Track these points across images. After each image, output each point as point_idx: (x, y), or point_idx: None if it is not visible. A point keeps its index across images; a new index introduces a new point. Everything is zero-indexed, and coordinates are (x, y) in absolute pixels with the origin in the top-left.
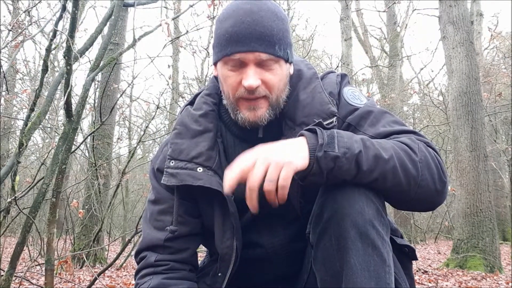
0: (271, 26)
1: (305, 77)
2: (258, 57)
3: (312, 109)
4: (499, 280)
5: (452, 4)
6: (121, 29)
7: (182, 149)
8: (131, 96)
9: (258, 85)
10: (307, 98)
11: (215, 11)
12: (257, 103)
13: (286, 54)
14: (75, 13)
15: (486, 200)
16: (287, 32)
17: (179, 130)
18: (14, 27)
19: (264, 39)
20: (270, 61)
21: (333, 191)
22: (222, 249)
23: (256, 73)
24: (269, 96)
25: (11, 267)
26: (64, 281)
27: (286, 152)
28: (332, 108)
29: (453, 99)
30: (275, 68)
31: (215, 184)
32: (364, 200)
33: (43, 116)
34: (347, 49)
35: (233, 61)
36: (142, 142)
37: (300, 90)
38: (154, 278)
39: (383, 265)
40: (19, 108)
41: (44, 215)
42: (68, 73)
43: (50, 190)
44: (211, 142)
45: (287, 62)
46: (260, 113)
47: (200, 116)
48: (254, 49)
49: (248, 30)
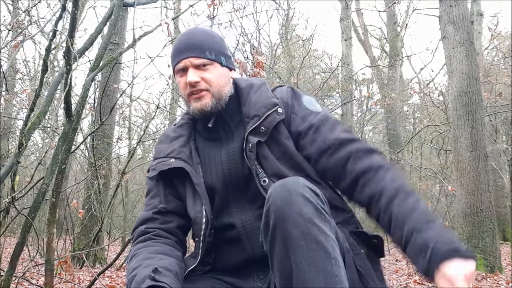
0: (201, 39)
1: (255, 85)
2: (193, 62)
3: (260, 104)
4: (499, 280)
5: (452, 4)
6: (121, 29)
7: (161, 150)
8: (131, 96)
9: (197, 80)
10: (257, 97)
11: (215, 11)
12: (201, 95)
13: (220, 59)
14: (74, 13)
15: (486, 200)
16: (220, 45)
17: (161, 139)
18: (14, 27)
19: (195, 48)
20: (205, 64)
21: (274, 199)
22: (193, 214)
23: (195, 73)
24: (210, 89)
25: (11, 267)
26: (64, 281)
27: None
28: (274, 99)
29: (453, 99)
30: (211, 69)
31: (181, 164)
32: (302, 201)
33: (43, 116)
34: (347, 49)
35: (179, 70)
36: (142, 142)
37: (252, 94)
38: (143, 243)
39: (329, 258)
40: (18, 108)
41: (44, 215)
42: (68, 73)
43: (50, 190)
44: (183, 142)
45: (222, 66)
46: (204, 101)
47: (177, 127)
48: (188, 55)
49: (184, 44)
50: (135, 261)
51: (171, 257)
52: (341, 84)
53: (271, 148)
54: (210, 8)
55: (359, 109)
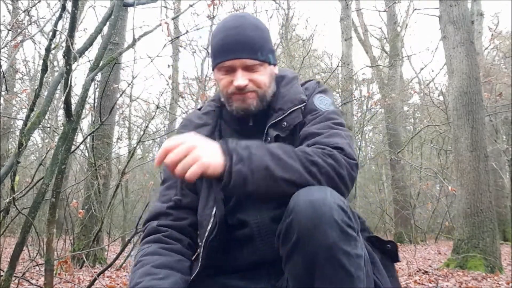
0: (253, 36)
1: (287, 78)
2: (243, 63)
3: (288, 98)
4: (500, 280)
5: (452, 3)
6: (120, 28)
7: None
8: (130, 96)
9: (246, 84)
10: (286, 91)
11: (215, 11)
12: (246, 95)
13: (268, 58)
14: (74, 13)
15: (486, 200)
16: (267, 40)
17: (185, 123)
18: (13, 26)
19: (247, 48)
20: (254, 65)
21: (298, 215)
22: (202, 216)
23: (244, 75)
24: (257, 90)
25: (10, 267)
26: (64, 281)
27: (208, 151)
28: (303, 96)
29: (453, 99)
30: (260, 70)
31: None
32: (327, 222)
33: (43, 116)
34: (347, 49)
35: (225, 68)
36: (142, 142)
37: (282, 87)
38: (152, 246)
39: (352, 281)
40: (18, 108)
41: (43, 215)
42: (68, 73)
43: (49, 190)
44: (208, 133)
45: (270, 64)
46: (249, 102)
47: (202, 114)
48: (239, 56)
49: (234, 42)
50: (139, 272)
51: (176, 271)
52: (341, 84)
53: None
54: (210, 8)
55: (359, 109)
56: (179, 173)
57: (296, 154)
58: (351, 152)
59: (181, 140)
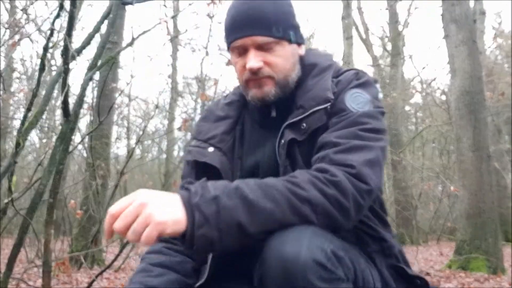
0: (266, 10)
1: (318, 67)
2: (255, 41)
3: (313, 94)
4: (502, 281)
5: (454, 2)
6: (119, 27)
7: (201, 130)
8: (129, 95)
9: (259, 66)
10: (313, 84)
11: (215, 9)
12: (262, 81)
13: (288, 35)
14: (72, 12)
15: (489, 201)
16: (288, 14)
17: (205, 114)
18: (11, 25)
19: (258, 23)
20: (269, 43)
21: (267, 269)
22: None
23: (258, 56)
24: (273, 75)
25: (8, 269)
26: (62, 283)
27: (163, 207)
28: (329, 94)
29: (455, 99)
30: (277, 49)
31: (217, 162)
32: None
33: (40, 116)
34: (349, 48)
35: (237, 48)
36: (140, 142)
37: (310, 78)
38: (158, 244)
39: None
40: (16, 107)
41: (41, 216)
42: (66, 72)
43: (47, 191)
44: (228, 127)
45: (291, 43)
46: (267, 89)
47: (225, 104)
48: (249, 33)
49: (244, 17)
50: (137, 269)
51: (174, 271)
52: None
53: (305, 151)
54: (210, 6)
55: None
56: (132, 239)
57: (281, 192)
58: (366, 173)
59: (129, 200)
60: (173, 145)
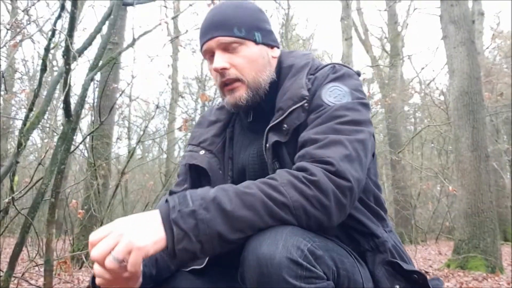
0: (229, 14)
1: (295, 68)
2: (218, 42)
3: (289, 94)
4: (500, 280)
5: (453, 3)
6: (120, 28)
7: (195, 136)
8: (130, 95)
9: (223, 66)
10: (290, 85)
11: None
12: (234, 86)
13: (252, 36)
14: (74, 12)
15: (487, 201)
16: (252, 17)
17: (199, 121)
18: (12, 26)
19: (221, 25)
20: (233, 44)
21: (246, 267)
22: None
23: (223, 57)
24: (242, 78)
25: (10, 268)
26: (63, 282)
27: (141, 231)
28: (303, 91)
29: (454, 99)
30: (242, 50)
31: (205, 164)
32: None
33: (42, 116)
34: (348, 49)
35: (207, 53)
36: (141, 142)
37: (288, 79)
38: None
39: None
40: (17, 108)
41: (43, 215)
42: (67, 72)
43: (49, 190)
44: (218, 130)
45: (257, 43)
46: (238, 94)
47: (216, 109)
48: (212, 35)
49: (208, 23)
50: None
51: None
52: None
53: (291, 150)
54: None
55: None
56: (111, 267)
57: (259, 199)
58: (345, 169)
59: (108, 229)
60: (173, 145)
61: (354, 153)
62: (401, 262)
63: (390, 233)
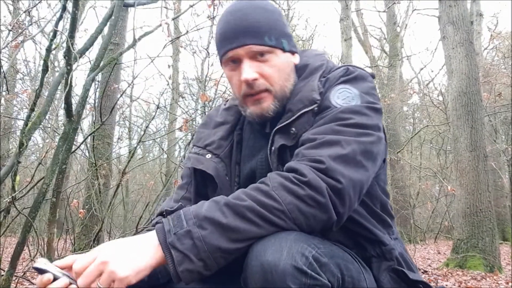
0: (257, 19)
1: (308, 69)
2: (248, 50)
3: (300, 96)
4: (499, 280)
5: (451, 4)
6: (121, 29)
7: (201, 137)
8: (131, 96)
9: (254, 77)
10: (302, 86)
11: (215, 11)
12: (261, 97)
13: (280, 44)
14: (75, 13)
15: (486, 200)
16: (279, 23)
17: (205, 121)
18: (14, 27)
19: (250, 31)
20: (263, 52)
21: (250, 274)
22: None
23: (252, 67)
24: (270, 89)
25: (11, 267)
26: None
27: (124, 260)
28: (314, 95)
29: (453, 99)
30: (271, 59)
31: (212, 170)
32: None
33: (43, 116)
34: (347, 49)
35: (230, 61)
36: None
37: (300, 81)
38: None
39: None
40: (19, 108)
41: (44, 215)
42: (68, 73)
43: (50, 190)
44: (226, 133)
45: (285, 51)
46: (266, 105)
47: (224, 110)
48: (242, 43)
49: (234, 27)
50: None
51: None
52: None
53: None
54: (211, 8)
55: None
56: None
57: (251, 208)
58: (336, 168)
59: (92, 256)
60: (174, 145)
61: (352, 155)
62: (407, 271)
63: (396, 241)
